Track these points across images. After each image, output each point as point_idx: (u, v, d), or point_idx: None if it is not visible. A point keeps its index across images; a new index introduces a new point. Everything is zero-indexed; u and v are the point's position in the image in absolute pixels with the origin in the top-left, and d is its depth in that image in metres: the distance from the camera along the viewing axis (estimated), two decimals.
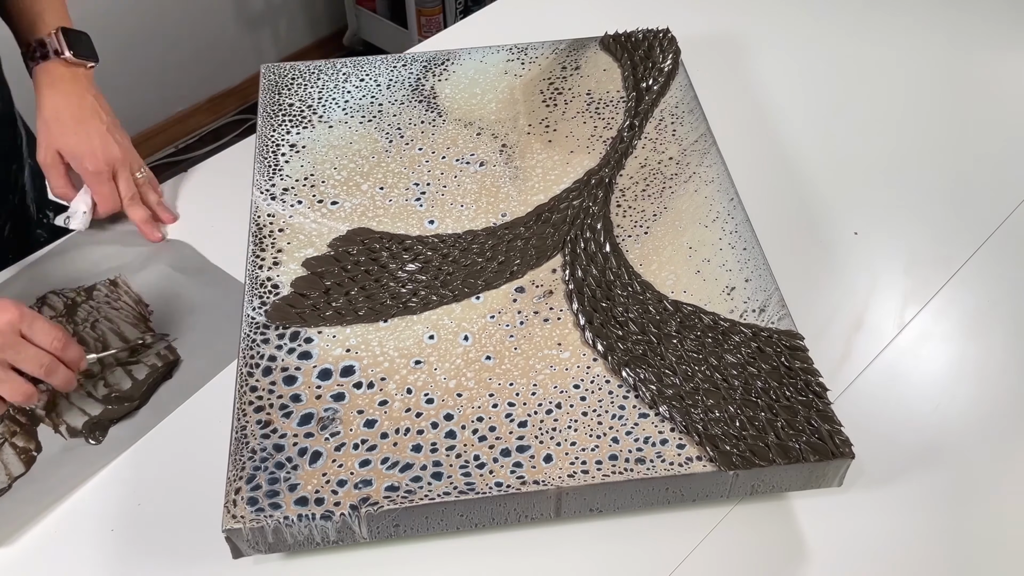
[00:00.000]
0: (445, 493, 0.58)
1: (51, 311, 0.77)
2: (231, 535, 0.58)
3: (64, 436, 0.69)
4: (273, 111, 0.86)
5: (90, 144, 0.81)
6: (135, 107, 2.07)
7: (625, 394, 0.64)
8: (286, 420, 0.62)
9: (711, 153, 0.81)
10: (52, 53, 0.81)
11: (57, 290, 0.79)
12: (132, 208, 0.83)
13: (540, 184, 0.79)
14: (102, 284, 0.80)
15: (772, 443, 0.61)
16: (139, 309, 0.77)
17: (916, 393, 0.72)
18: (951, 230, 0.85)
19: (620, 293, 0.70)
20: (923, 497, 0.66)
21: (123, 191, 0.83)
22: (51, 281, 0.80)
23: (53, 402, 0.71)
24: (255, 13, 2.23)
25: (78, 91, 0.82)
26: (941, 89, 1.00)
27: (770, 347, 0.66)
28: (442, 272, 0.72)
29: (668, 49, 0.92)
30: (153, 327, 0.76)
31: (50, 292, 0.79)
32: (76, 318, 0.77)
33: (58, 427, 0.69)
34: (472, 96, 0.88)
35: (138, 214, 0.83)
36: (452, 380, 0.65)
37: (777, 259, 0.74)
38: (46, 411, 0.70)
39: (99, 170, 0.81)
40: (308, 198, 0.78)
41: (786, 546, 0.63)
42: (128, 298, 0.78)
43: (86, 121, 0.81)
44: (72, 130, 0.80)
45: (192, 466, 0.67)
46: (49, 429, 0.69)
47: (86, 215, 0.83)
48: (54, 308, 0.77)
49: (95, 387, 0.71)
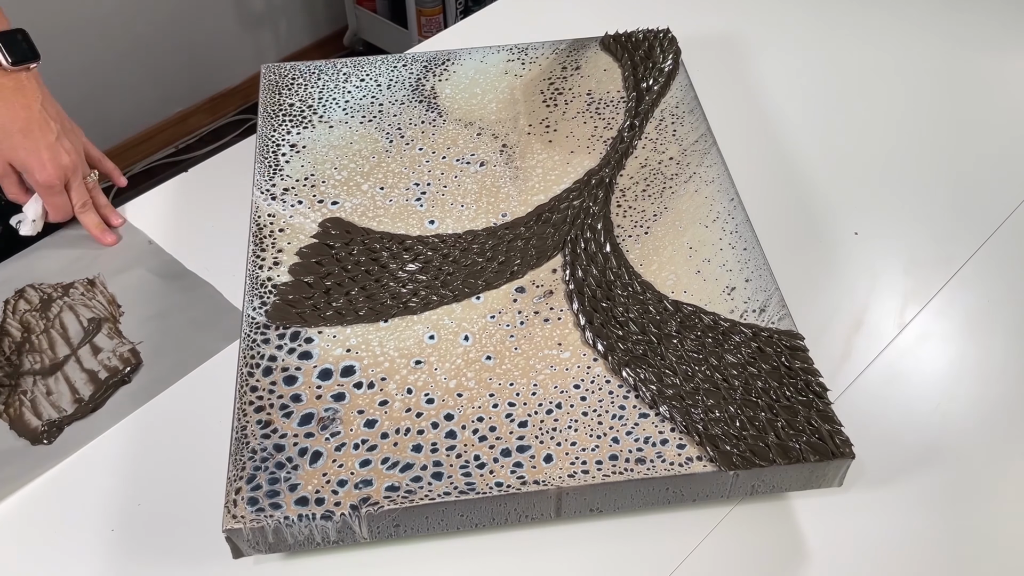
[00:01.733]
0: (445, 493, 0.58)
1: (26, 304, 0.78)
2: (231, 535, 0.58)
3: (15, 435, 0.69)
4: (273, 111, 0.86)
5: (39, 157, 0.79)
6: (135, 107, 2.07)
7: (625, 394, 0.64)
8: (286, 420, 0.62)
9: (711, 153, 0.81)
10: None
11: (36, 284, 0.80)
12: (84, 215, 0.83)
13: (540, 184, 0.79)
14: (80, 282, 0.80)
15: (772, 443, 0.61)
16: (111, 310, 0.78)
17: (916, 393, 0.72)
18: (951, 230, 0.85)
19: (620, 293, 0.70)
20: (923, 497, 0.66)
21: (75, 199, 0.83)
22: (34, 274, 0.81)
23: (8, 400, 0.71)
24: (255, 13, 2.23)
25: (24, 101, 0.79)
26: (941, 89, 1.00)
27: (770, 347, 0.66)
28: (442, 272, 0.72)
29: (668, 49, 0.92)
30: (121, 329, 0.77)
31: (28, 285, 0.80)
32: (48, 313, 0.77)
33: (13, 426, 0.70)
34: (472, 96, 0.88)
35: (90, 220, 0.83)
36: (452, 380, 0.65)
37: (777, 259, 0.75)
38: (5, 406, 0.71)
39: (50, 183, 0.80)
40: (308, 198, 0.78)
41: (786, 546, 0.63)
42: (103, 298, 0.78)
43: (33, 133, 0.79)
44: (20, 143, 0.79)
45: (192, 466, 0.67)
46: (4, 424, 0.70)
47: (35, 223, 0.83)
48: (30, 301, 0.78)
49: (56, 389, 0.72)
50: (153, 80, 2.08)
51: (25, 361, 0.74)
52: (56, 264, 0.82)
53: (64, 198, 0.82)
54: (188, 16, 2.07)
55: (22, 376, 0.73)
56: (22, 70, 0.80)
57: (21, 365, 0.73)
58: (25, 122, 0.79)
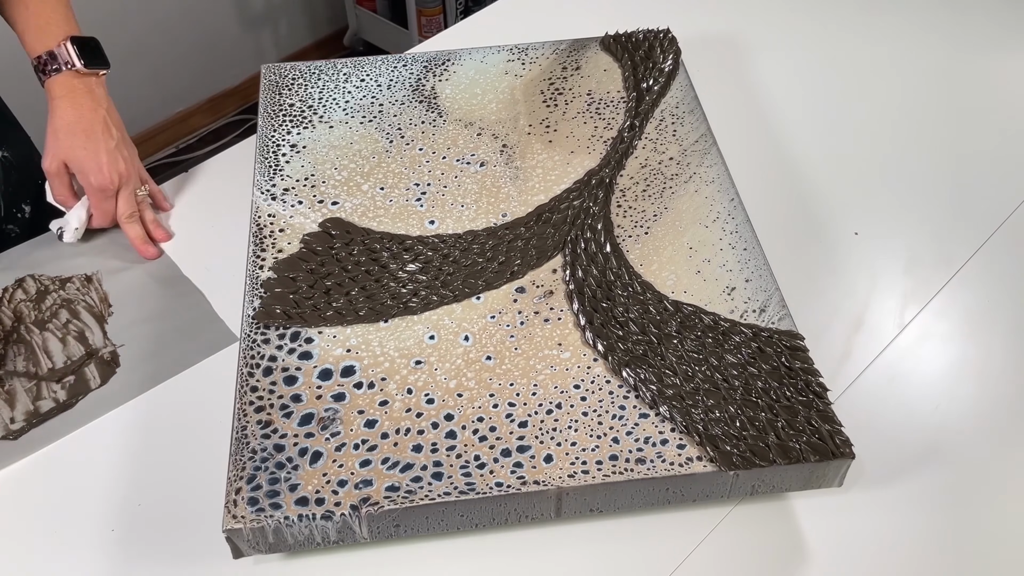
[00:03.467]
0: (445, 493, 0.58)
1: (23, 294, 0.78)
2: (231, 535, 0.58)
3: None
4: (274, 111, 0.86)
5: (97, 160, 0.81)
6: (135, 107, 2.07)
7: (625, 394, 0.64)
8: (286, 420, 0.62)
9: (711, 153, 0.81)
10: (63, 66, 0.81)
11: (35, 275, 0.80)
12: (128, 225, 0.83)
13: (540, 184, 0.79)
14: (78, 277, 0.81)
15: (772, 443, 0.61)
16: (101, 308, 0.78)
17: (916, 393, 0.72)
18: (951, 230, 0.85)
19: (620, 293, 0.70)
20: (923, 497, 0.66)
21: (121, 208, 0.83)
22: (33, 265, 0.82)
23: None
24: (255, 13, 2.23)
25: (91, 104, 0.82)
26: (941, 89, 1.00)
27: (770, 347, 0.66)
28: (443, 272, 0.72)
29: (668, 49, 0.92)
30: (107, 330, 0.77)
31: (28, 275, 0.80)
32: (43, 304, 0.78)
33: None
34: (472, 96, 0.88)
35: (134, 231, 0.83)
36: (452, 380, 0.65)
37: (777, 259, 0.75)
38: None
39: (104, 187, 0.81)
40: (309, 198, 0.78)
41: (786, 546, 0.63)
42: (96, 295, 0.79)
43: (96, 136, 0.81)
44: (81, 144, 0.80)
45: (192, 466, 0.67)
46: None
47: (78, 231, 0.83)
48: (27, 292, 0.79)
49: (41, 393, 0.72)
50: (153, 80, 2.08)
51: (9, 352, 0.74)
52: (58, 257, 0.83)
53: (112, 204, 0.83)
54: (188, 16, 2.07)
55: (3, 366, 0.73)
56: (92, 75, 0.82)
57: (5, 355, 0.74)
58: (90, 123, 0.81)
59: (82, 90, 0.82)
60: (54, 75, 0.81)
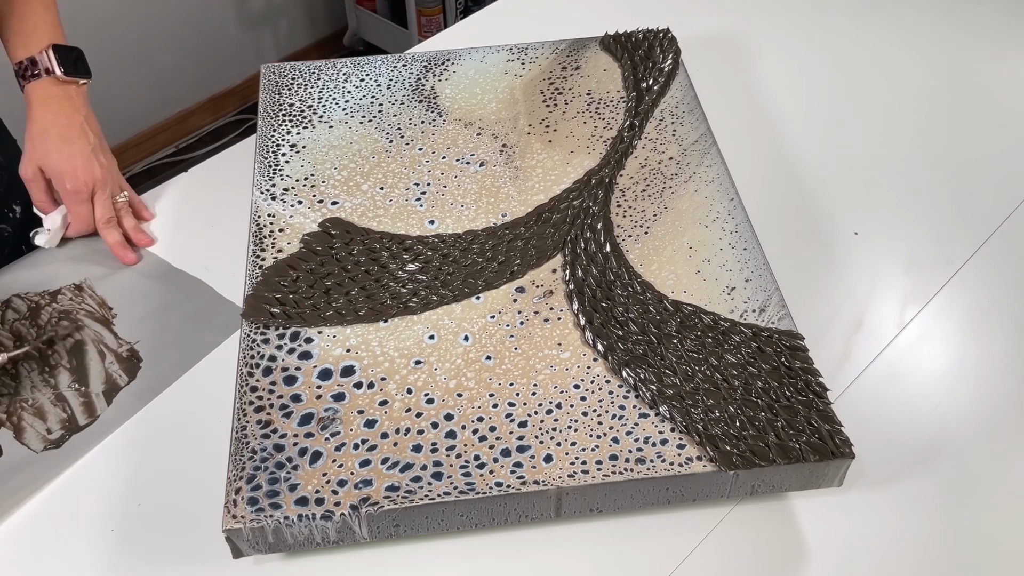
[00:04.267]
0: (445, 493, 0.58)
1: (15, 314, 0.77)
2: (231, 535, 0.58)
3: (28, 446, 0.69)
4: (273, 111, 0.86)
5: (72, 163, 0.80)
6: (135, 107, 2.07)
7: (625, 394, 0.64)
8: (286, 420, 0.62)
9: (711, 153, 0.81)
10: (43, 72, 0.81)
11: (21, 294, 0.79)
12: (106, 231, 0.83)
13: (540, 184, 0.79)
14: (67, 288, 0.80)
15: (772, 443, 0.61)
16: (103, 312, 0.77)
17: (916, 393, 0.72)
18: (951, 230, 0.85)
19: (620, 293, 0.70)
20: (923, 497, 0.66)
21: (99, 213, 0.83)
22: (18, 286, 0.80)
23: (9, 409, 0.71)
24: (255, 13, 2.23)
25: (68, 110, 0.82)
26: (941, 89, 1.00)
27: (770, 347, 0.66)
28: (442, 272, 0.72)
29: (668, 49, 0.92)
30: (116, 331, 0.76)
31: (14, 296, 0.79)
32: (39, 320, 0.77)
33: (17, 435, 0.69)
34: (472, 96, 0.88)
35: (112, 236, 0.83)
36: (452, 380, 0.65)
37: (777, 259, 0.74)
38: (7, 415, 0.70)
39: (77, 190, 0.81)
40: (308, 198, 0.78)
41: (786, 546, 0.63)
42: (92, 301, 0.78)
43: (72, 140, 0.81)
44: (56, 148, 0.80)
45: (192, 466, 0.67)
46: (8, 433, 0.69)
47: (50, 232, 0.83)
48: (18, 311, 0.77)
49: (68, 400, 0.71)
50: (153, 80, 2.08)
51: (22, 370, 0.73)
52: (40, 274, 0.81)
53: (88, 209, 0.82)
54: (188, 16, 2.07)
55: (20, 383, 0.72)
56: (72, 83, 0.82)
57: (19, 374, 0.73)
58: (65, 128, 0.81)
59: (60, 96, 0.82)
60: (33, 80, 0.81)
